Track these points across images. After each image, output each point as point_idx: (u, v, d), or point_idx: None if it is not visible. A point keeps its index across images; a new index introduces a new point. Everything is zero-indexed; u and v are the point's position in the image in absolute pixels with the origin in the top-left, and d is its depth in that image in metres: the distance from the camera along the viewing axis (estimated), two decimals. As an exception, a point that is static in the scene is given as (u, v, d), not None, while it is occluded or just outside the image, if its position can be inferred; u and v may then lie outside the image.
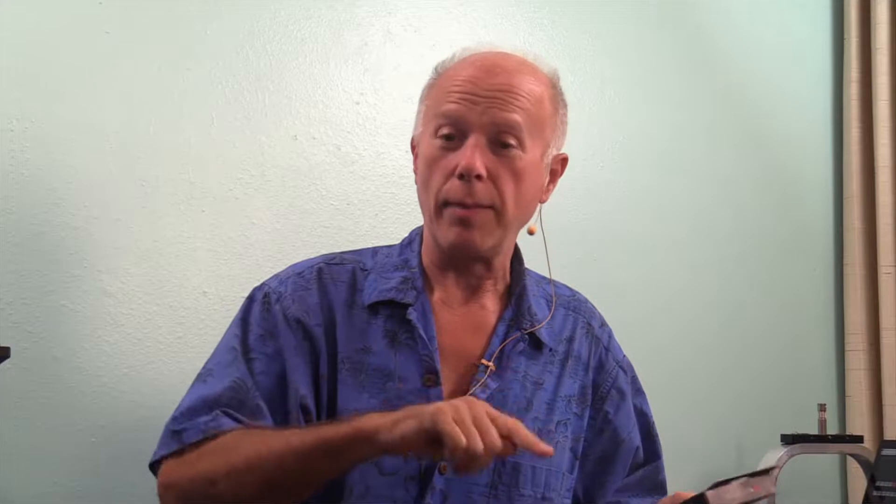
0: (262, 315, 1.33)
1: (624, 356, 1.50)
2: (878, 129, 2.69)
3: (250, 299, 1.36)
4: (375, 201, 2.06)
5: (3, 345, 1.55)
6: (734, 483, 1.15)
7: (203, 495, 1.21)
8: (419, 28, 2.15)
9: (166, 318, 1.81)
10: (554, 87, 1.37)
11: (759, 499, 1.16)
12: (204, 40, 1.91)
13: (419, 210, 2.13)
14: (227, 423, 1.24)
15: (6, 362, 1.54)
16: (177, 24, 1.88)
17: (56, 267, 1.73)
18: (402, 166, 2.09)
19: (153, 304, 1.80)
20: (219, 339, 1.83)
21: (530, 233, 1.38)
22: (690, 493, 1.23)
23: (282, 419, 1.28)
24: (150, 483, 1.76)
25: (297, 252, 1.93)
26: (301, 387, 1.29)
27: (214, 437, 1.23)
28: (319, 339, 1.31)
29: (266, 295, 1.34)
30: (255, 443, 1.19)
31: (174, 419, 1.30)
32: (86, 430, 1.73)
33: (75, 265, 1.74)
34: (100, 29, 1.80)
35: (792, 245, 2.71)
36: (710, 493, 1.14)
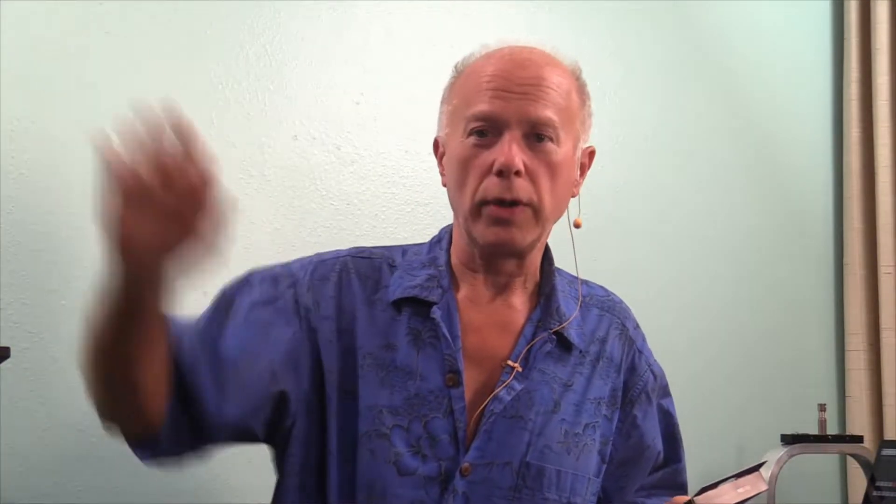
0: (264, 283, 1.32)
1: (655, 360, 1.48)
2: (878, 129, 2.69)
3: (267, 266, 1.35)
4: (375, 201, 2.06)
5: (3, 345, 1.55)
6: (723, 485, 1.15)
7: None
8: (419, 28, 2.15)
9: (166, 318, 1.81)
10: (578, 78, 1.35)
11: (751, 497, 1.16)
12: (204, 40, 1.90)
13: (419, 210, 2.14)
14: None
15: (6, 362, 1.54)
16: (177, 25, 1.88)
17: (56, 267, 1.73)
18: (403, 166, 2.08)
19: (153, 304, 1.80)
20: (219, 339, 1.84)
21: (576, 226, 1.37)
22: (684, 499, 1.23)
23: (233, 390, 1.24)
24: (150, 483, 1.76)
25: (297, 252, 1.91)
26: (285, 379, 1.26)
27: None
28: (324, 333, 1.30)
29: (281, 274, 1.33)
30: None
31: None
32: (86, 430, 1.72)
33: (75, 265, 1.74)
34: (100, 29, 1.80)
35: (792, 245, 2.71)
36: (699, 499, 1.13)
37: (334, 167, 2.02)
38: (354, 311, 1.32)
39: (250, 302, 1.31)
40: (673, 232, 2.50)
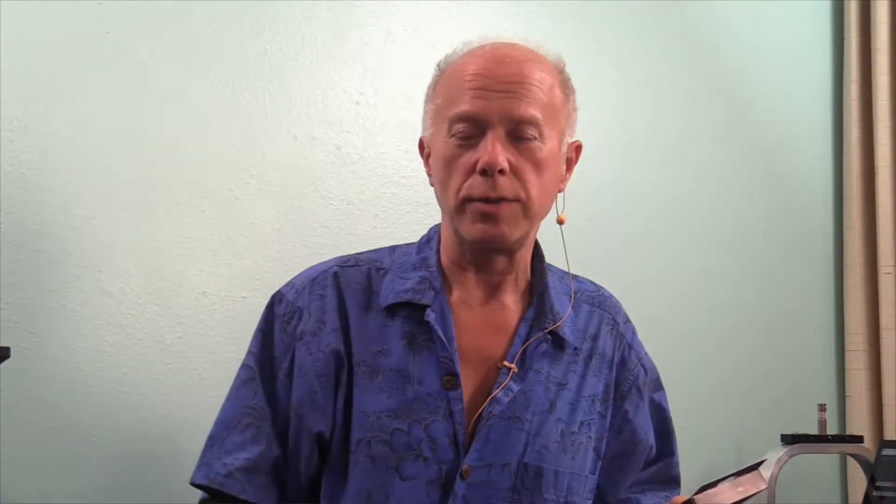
0: (279, 335, 1.32)
1: (646, 354, 1.47)
2: (878, 129, 2.69)
3: (269, 309, 1.35)
4: (375, 201, 2.06)
5: (3, 345, 1.55)
6: (723, 484, 1.15)
7: None
8: (419, 28, 2.15)
9: (166, 318, 1.81)
10: (561, 73, 1.34)
11: (750, 496, 1.16)
12: (204, 40, 1.90)
13: (419, 210, 2.14)
14: (234, 486, 1.27)
15: (6, 362, 1.54)
16: (177, 25, 1.88)
17: (56, 267, 1.73)
18: (403, 166, 2.08)
19: (153, 304, 1.80)
20: (219, 338, 1.85)
21: (560, 222, 1.36)
22: (684, 498, 1.22)
23: (293, 445, 1.29)
24: (149, 483, 1.76)
25: (297, 252, 1.93)
26: (315, 421, 1.28)
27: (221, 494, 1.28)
28: (339, 345, 1.30)
29: (285, 312, 1.33)
30: None
31: (207, 442, 1.32)
32: (86, 430, 1.72)
33: (75, 265, 1.74)
34: (100, 29, 1.80)
35: (792, 245, 2.71)
36: (698, 498, 1.13)
37: (334, 167, 2.02)
38: (348, 320, 1.32)
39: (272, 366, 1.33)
40: (672, 232, 2.50)
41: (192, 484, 1.30)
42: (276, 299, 1.35)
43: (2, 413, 1.66)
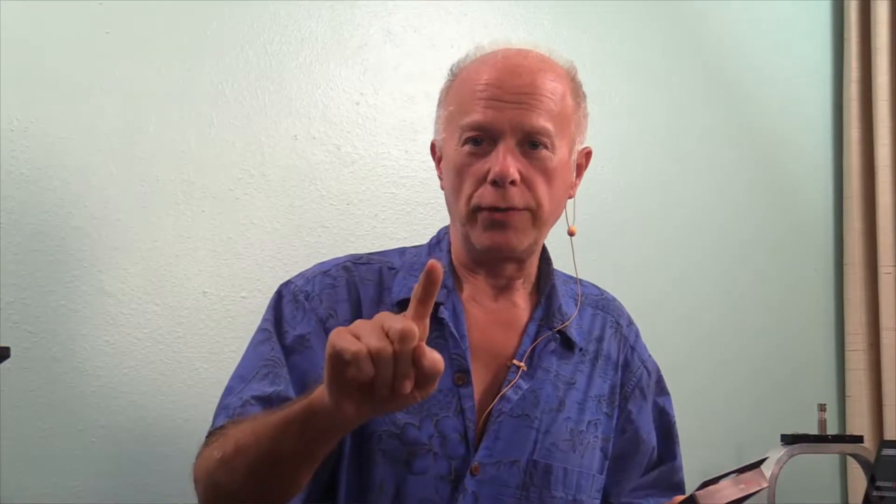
0: (291, 311, 1.32)
1: (649, 356, 1.49)
2: (878, 129, 2.69)
3: (278, 294, 1.35)
4: (375, 201, 2.06)
5: (3, 345, 1.55)
6: (724, 481, 1.14)
7: (211, 485, 1.18)
8: (419, 28, 2.15)
9: (166, 318, 1.81)
10: (573, 80, 1.35)
11: (751, 494, 1.15)
12: (204, 40, 1.91)
13: (419, 210, 2.14)
14: (252, 410, 1.22)
15: (6, 362, 1.54)
16: (177, 24, 1.88)
17: (56, 267, 1.73)
18: (403, 166, 2.09)
19: (153, 304, 1.81)
20: (218, 338, 1.85)
21: (571, 234, 1.38)
22: (682, 497, 1.22)
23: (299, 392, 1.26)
24: (150, 483, 1.76)
25: (297, 252, 1.93)
26: None
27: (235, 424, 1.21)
28: None
29: (294, 293, 1.33)
30: (244, 426, 1.16)
31: (224, 393, 1.29)
32: (86, 430, 1.73)
33: (75, 265, 1.74)
34: (100, 29, 1.80)
35: (792, 245, 2.71)
36: (699, 494, 1.13)
37: (334, 167, 2.02)
38: (361, 313, 1.32)
39: (292, 344, 1.31)
40: (673, 231, 2.50)
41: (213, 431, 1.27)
42: (284, 286, 1.36)
43: (2, 413, 1.66)
